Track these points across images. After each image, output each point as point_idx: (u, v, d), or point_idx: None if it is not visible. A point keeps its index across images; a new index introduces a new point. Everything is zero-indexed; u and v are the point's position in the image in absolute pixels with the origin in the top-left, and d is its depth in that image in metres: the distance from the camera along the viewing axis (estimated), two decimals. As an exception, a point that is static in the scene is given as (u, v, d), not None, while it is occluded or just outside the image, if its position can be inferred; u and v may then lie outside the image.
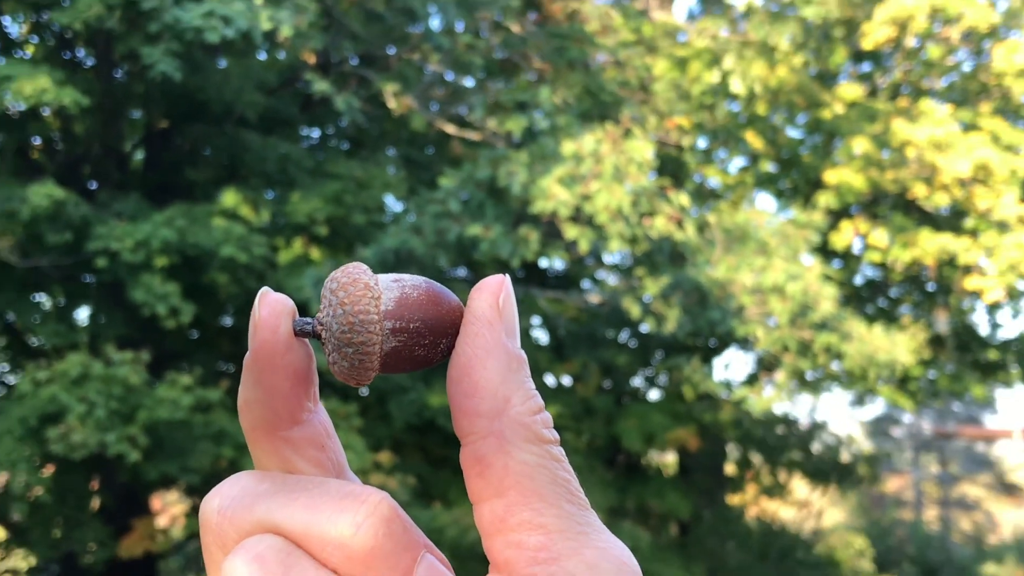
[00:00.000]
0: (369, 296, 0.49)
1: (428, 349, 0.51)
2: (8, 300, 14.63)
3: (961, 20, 19.74)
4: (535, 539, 0.47)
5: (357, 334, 0.48)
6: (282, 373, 0.50)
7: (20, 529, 15.38)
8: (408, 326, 0.49)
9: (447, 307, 0.51)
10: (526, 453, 0.48)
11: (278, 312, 0.50)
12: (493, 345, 0.49)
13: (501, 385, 0.49)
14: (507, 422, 0.49)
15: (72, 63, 15.78)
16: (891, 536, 32.71)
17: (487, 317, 0.50)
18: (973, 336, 22.10)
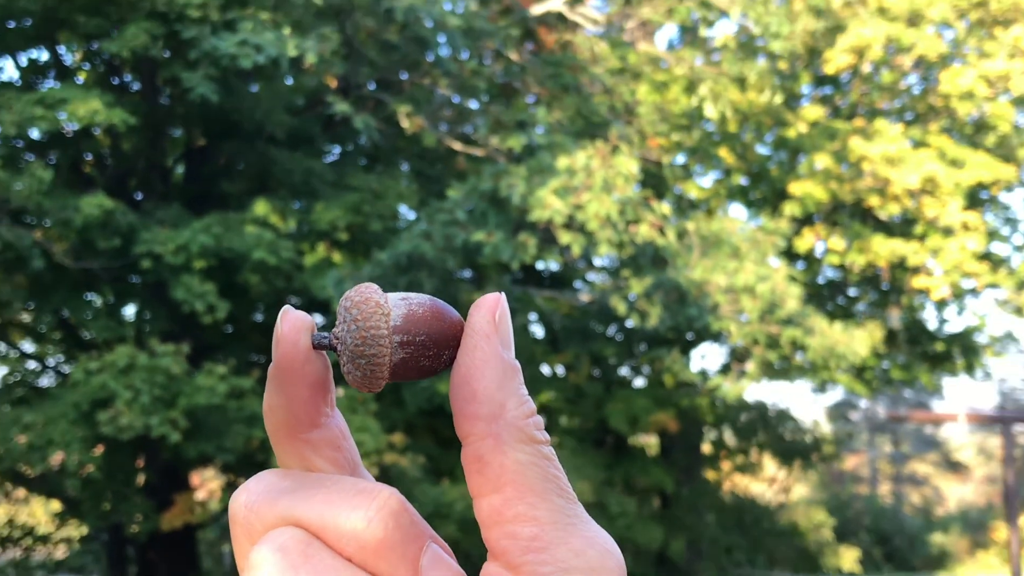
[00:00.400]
0: (380, 313, 0.49)
1: (432, 360, 0.51)
2: (63, 298, 14.64)
3: (913, 49, 19.72)
4: (528, 530, 0.48)
5: (369, 347, 0.49)
6: (302, 382, 0.50)
7: (73, 503, 15.38)
8: (415, 339, 0.50)
9: (449, 322, 0.52)
10: (520, 453, 0.49)
11: (298, 328, 0.49)
12: (490, 356, 0.50)
13: (498, 392, 0.50)
14: (503, 425, 0.50)
15: (120, 87, 15.77)
16: (849, 509, 32.70)
17: (485, 331, 0.51)
18: (922, 330, 22.09)
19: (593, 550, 0.49)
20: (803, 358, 16.16)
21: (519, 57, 16.31)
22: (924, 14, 19.59)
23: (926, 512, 41.50)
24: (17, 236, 12.99)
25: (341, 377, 0.52)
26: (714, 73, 16.23)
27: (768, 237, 15.15)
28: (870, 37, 19.10)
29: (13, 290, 14.00)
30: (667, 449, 21.53)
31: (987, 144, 20.41)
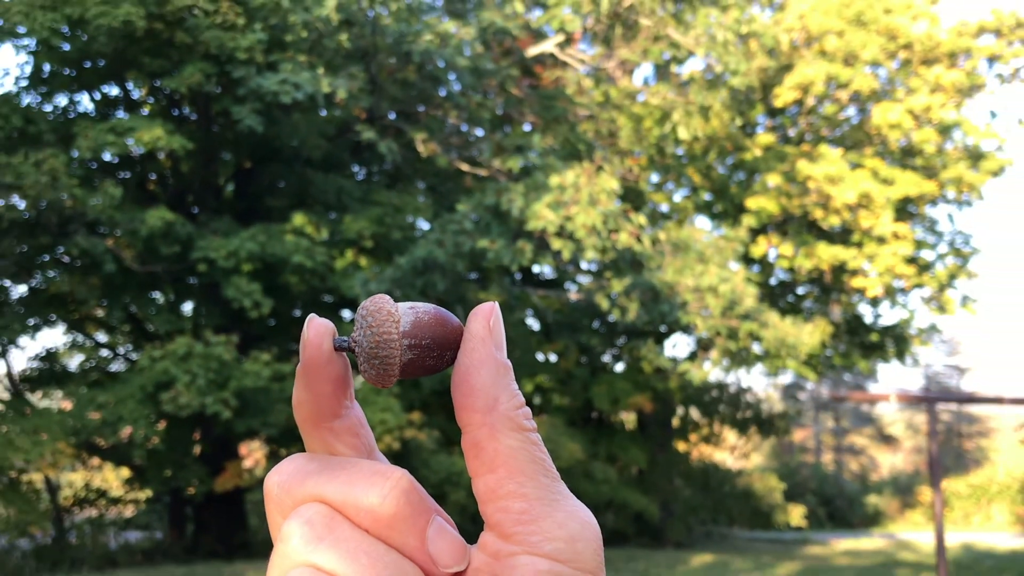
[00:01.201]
0: (391, 320, 0.50)
1: (436, 360, 0.52)
2: (131, 297, 14.65)
3: (850, 85, 19.74)
4: (518, 505, 0.49)
5: (382, 349, 0.50)
6: (326, 379, 0.50)
7: (140, 470, 15.38)
8: (421, 343, 0.51)
9: (451, 327, 0.52)
10: (511, 439, 0.50)
11: (322, 333, 0.49)
12: (486, 357, 0.51)
13: (492, 388, 0.50)
14: (497, 416, 0.50)
15: (179, 118, 15.76)
16: (797, 475, 32.69)
17: (481, 335, 0.51)
18: (860, 324, 22.11)
19: (574, 521, 0.50)
20: (759, 347, 16.17)
21: (518, 91, 16.31)
22: (859, 55, 19.61)
23: (863, 478, 41.49)
24: (92, 244, 13.01)
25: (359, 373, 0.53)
26: (683, 103, 16.23)
27: (729, 244, 15.16)
28: (813, 75, 19.14)
29: (89, 289, 14.00)
30: (643, 425, 21.53)
31: (915, 165, 20.45)
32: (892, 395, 10.94)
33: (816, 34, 19.96)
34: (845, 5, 20.10)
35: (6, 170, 12.13)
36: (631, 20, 15.56)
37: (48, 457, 12.17)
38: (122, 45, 13.41)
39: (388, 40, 12.62)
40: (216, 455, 15.17)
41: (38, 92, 14.86)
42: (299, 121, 15.00)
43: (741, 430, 22.37)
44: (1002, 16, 20.30)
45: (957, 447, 43.81)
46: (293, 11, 12.30)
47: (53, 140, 13.31)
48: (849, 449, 46.30)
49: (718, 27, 14.67)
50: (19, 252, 13.61)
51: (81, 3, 12.61)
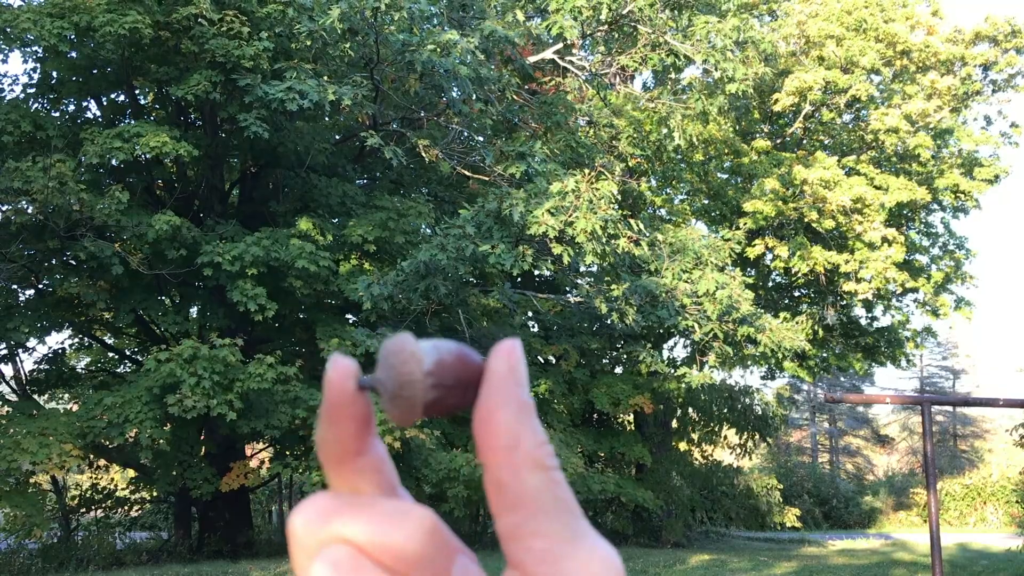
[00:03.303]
0: (414, 360, 0.49)
1: (459, 399, 0.51)
2: (139, 299, 14.70)
3: (847, 91, 19.81)
4: (540, 544, 0.48)
5: (405, 389, 0.49)
6: (349, 419, 0.50)
7: (146, 470, 15.43)
8: (444, 382, 0.50)
9: (473, 366, 0.51)
10: (534, 478, 0.48)
11: (345, 374, 0.49)
12: (508, 396, 0.49)
13: (514, 426, 0.49)
14: (519, 455, 0.49)
15: (186, 123, 15.82)
16: (794, 475, 32.73)
17: (503, 374, 0.50)
18: (855, 326, 22.17)
19: (596, 561, 0.49)
20: (755, 349, 16.23)
21: (519, 98, 16.37)
22: (857, 62, 19.68)
23: (858, 478, 41.55)
24: (100, 248, 13.07)
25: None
26: (682, 108, 16.31)
27: (725, 244, 15.22)
28: (811, 81, 19.21)
29: (96, 292, 14.05)
30: (641, 425, 21.59)
31: (909, 171, 20.51)
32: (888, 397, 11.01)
33: (815, 41, 20.04)
34: (847, 12, 20.18)
35: (15, 175, 12.20)
36: (630, 27, 15.62)
37: (56, 458, 12.22)
38: (129, 52, 13.49)
39: (391, 49, 12.68)
40: (221, 455, 15.23)
41: (47, 98, 14.93)
42: (304, 127, 15.07)
43: (739, 430, 22.42)
44: (997, 23, 20.36)
45: (952, 448, 43.86)
46: (298, 20, 12.36)
47: (61, 145, 13.38)
48: (845, 450, 46.35)
49: (716, 34, 14.73)
50: (27, 256, 13.68)
51: (89, 11, 12.68)
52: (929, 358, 46.94)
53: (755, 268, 21.07)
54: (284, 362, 14.18)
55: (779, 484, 25.08)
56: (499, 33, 13.45)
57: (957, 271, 21.80)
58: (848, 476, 41.54)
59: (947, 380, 47.88)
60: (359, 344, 13.61)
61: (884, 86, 20.93)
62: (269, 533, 20.02)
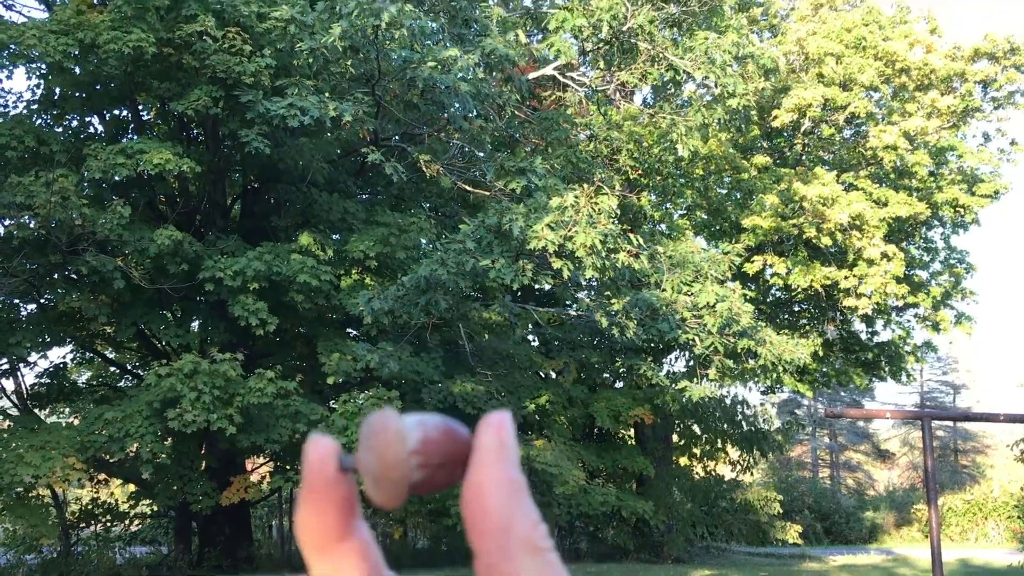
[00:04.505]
0: (398, 439, 0.47)
1: (447, 477, 0.48)
2: (140, 314, 14.72)
3: (846, 108, 19.87)
4: None
5: (389, 471, 0.47)
6: (331, 503, 0.48)
7: (147, 484, 15.41)
8: (430, 462, 0.48)
9: (461, 442, 0.49)
10: (527, 562, 0.46)
11: (326, 455, 0.47)
12: (498, 475, 0.47)
13: (506, 508, 0.46)
14: (512, 538, 0.46)
15: (188, 139, 15.87)
16: (795, 490, 32.62)
17: (493, 450, 0.47)
18: (856, 341, 22.16)
19: None
20: (755, 363, 16.21)
21: (519, 114, 16.42)
22: (856, 79, 19.74)
23: (859, 493, 41.41)
24: (102, 262, 13.09)
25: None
26: (682, 122, 16.36)
27: (725, 257, 15.24)
28: (810, 98, 19.27)
29: (98, 307, 14.07)
30: (642, 440, 21.56)
31: (908, 187, 20.54)
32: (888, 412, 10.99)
33: (815, 58, 20.11)
34: (846, 30, 20.26)
35: (18, 189, 12.24)
36: (630, 43, 15.69)
37: (58, 472, 12.21)
38: (132, 68, 13.54)
39: (392, 65, 12.73)
40: (222, 470, 15.21)
41: (50, 114, 14.99)
42: (305, 143, 15.11)
43: (739, 445, 22.38)
44: (996, 41, 20.42)
45: (953, 464, 43.73)
46: (299, 38, 12.42)
47: (64, 161, 13.42)
48: (845, 465, 46.22)
49: (716, 49, 14.79)
50: (29, 270, 13.70)
51: (93, 28, 12.74)
52: (929, 373, 46.89)
53: (755, 284, 21.08)
54: (285, 376, 14.19)
55: (779, 497, 25.00)
56: (500, 51, 13.51)
57: (957, 286, 21.79)
58: (849, 491, 41.43)
59: (947, 395, 47.80)
60: (359, 359, 13.61)
61: (884, 103, 21.00)
62: (269, 547, 19.98)
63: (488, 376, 15.91)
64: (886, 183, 20.63)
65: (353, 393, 14.49)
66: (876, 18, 20.88)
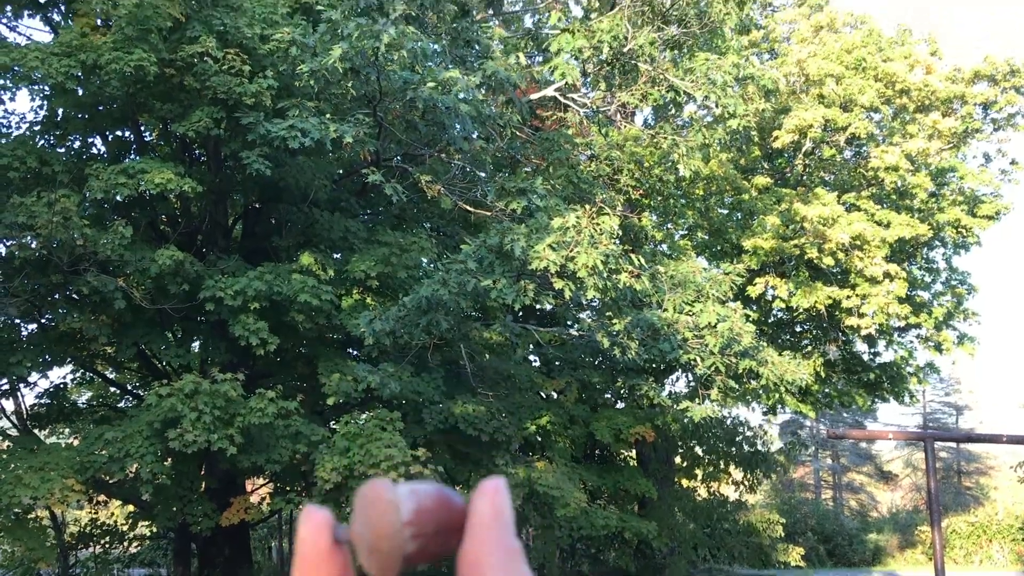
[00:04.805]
0: (392, 510, 0.46)
1: (441, 547, 0.48)
2: (141, 334, 14.70)
3: (847, 129, 19.92)
4: None
5: (383, 542, 0.46)
6: (324, 575, 0.46)
7: (146, 505, 15.33)
8: (424, 531, 0.47)
9: (455, 510, 0.48)
10: None
11: (319, 528, 0.46)
12: (494, 543, 0.46)
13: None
14: None
15: (190, 160, 15.91)
16: (798, 511, 32.47)
17: (488, 518, 0.47)
18: (858, 362, 22.12)
19: None
20: (757, 384, 16.18)
21: (520, 134, 16.47)
22: (856, 100, 19.80)
23: (862, 515, 41.21)
24: (103, 282, 13.09)
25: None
26: (684, 142, 16.41)
27: (727, 278, 15.24)
28: (811, 119, 19.32)
29: (99, 327, 14.05)
30: (644, 461, 21.49)
31: (909, 207, 20.57)
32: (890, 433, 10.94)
33: (815, 79, 20.18)
34: (846, 51, 20.36)
35: (19, 210, 12.25)
36: (631, 65, 15.75)
37: (57, 493, 12.16)
38: (134, 89, 13.59)
39: (394, 86, 12.77)
40: (222, 490, 15.15)
41: (52, 135, 15.03)
42: (306, 163, 15.14)
43: (741, 466, 22.30)
44: (996, 63, 20.52)
45: (956, 485, 43.53)
46: (301, 59, 12.47)
47: (66, 181, 13.44)
48: (848, 486, 46.01)
49: (716, 70, 14.85)
50: (31, 290, 13.69)
51: (95, 50, 12.80)
52: (932, 394, 46.76)
53: (757, 305, 21.07)
54: (285, 397, 14.15)
55: (781, 519, 24.85)
56: (501, 74, 13.56)
57: (959, 307, 21.78)
58: (852, 513, 41.22)
59: (950, 416, 47.65)
60: (360, 379, 13.58)
61: (884, 124, 21.06)
62: (269, 569, 19.86)
63: (489, 396, 15.87)
64: (887, 204, 20.66)
65: (354, 414, 14.45)
66: (876, 40, 20.99)
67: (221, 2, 13.83)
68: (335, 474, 12.74)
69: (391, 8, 12.34)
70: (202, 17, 13.46)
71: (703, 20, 15.31)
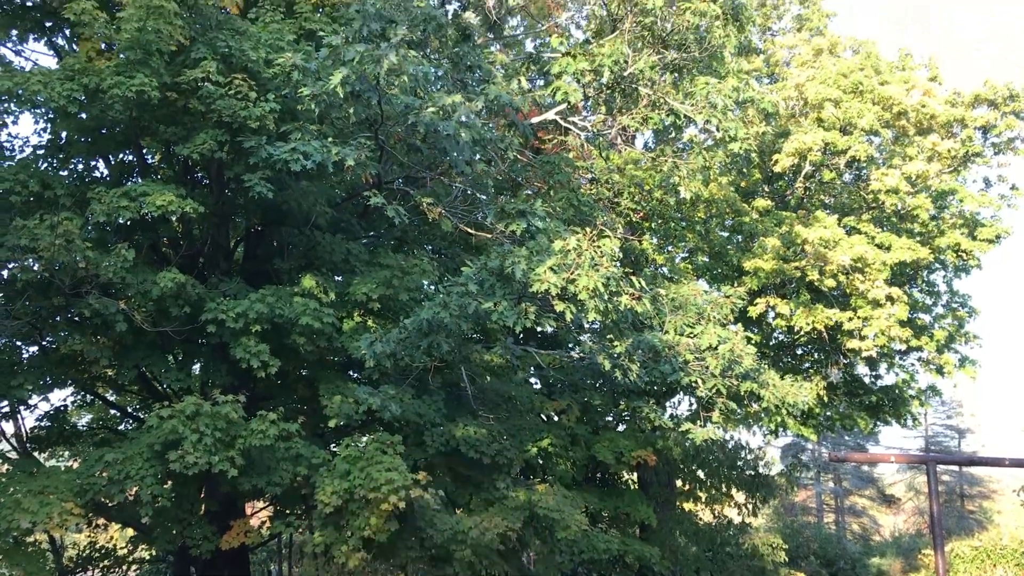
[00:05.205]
0: None
1: None
2: (142, 356, 14.69)
3: (846, 152, 20.00)
4: None
5: None
6: None
7: (146, 528, 15.27)
8: None
9: None
10: None
11: None
12: None
13: None
14: None
15: (192, 182, 15.97)
16: (800, 535, 32.33)
17: None
18: (860, 384, 22.10)
19: None
20: (758, 407, 16.15)
21: (521, 157, 16.53)
22: (855, 123, 19.90)
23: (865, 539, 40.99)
24: (104, 305, 13.10)
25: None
26: (684, 164, 16.48)
27: (727, 300, 15.26)
28: (810, 142, 19.42)
29: (100, 349, 14.05)
30: (645, 485, 21.42)
31: (909, 230, 20.62)
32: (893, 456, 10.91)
33: (814, 103, 20.30)
34: (843, 75, 20.48)
35: (22, 232, 12.28)
36: (631, 88, 15.84)
37: (56, 517, 12.11)
38: (137, 113, 13.67)
39: (395, 110, 12.84)
40: (222, 513, 15.10)
41: (55, 158, 15.09)
42: (309, 186, 15.20)
43: (747, 489, 22.23)
44: (996, 87, 20.65)
45: (959, 509, 43.35)
46: (303, 83, 12.55)
47: (69, 204, 13.48)
48: (851, 510, 45.80)
49: (716, 93, 14.93)
50: (32, 312, 13.70)
51: (97, 74, 12.88)
52: (934, 417, 46.66)
53: (758, 327, 21.08)
54: (286, 419, 14.13)
55: (784, 544, 24.74)
56: (503, 98, 13.63)
57: (960, 330, 21.80)
58: (854, 537, 41.03)
59: (952, 439, 47.52)
60: (361, 402, 13.58)
61: (884, 147, 21.16)
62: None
63: (490, 419, 15.85)
64: (887, 227, 20.71)
65: (355, 436, 14.42)
66: (875, 63, 21.13)
67: (227, 25, 13.93)
68: (335, 497, 12.70)
69: (393, 33, 12.42)
70: (207, 40, 13.55)
71: (703, 44, 15.42)
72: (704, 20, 15.06)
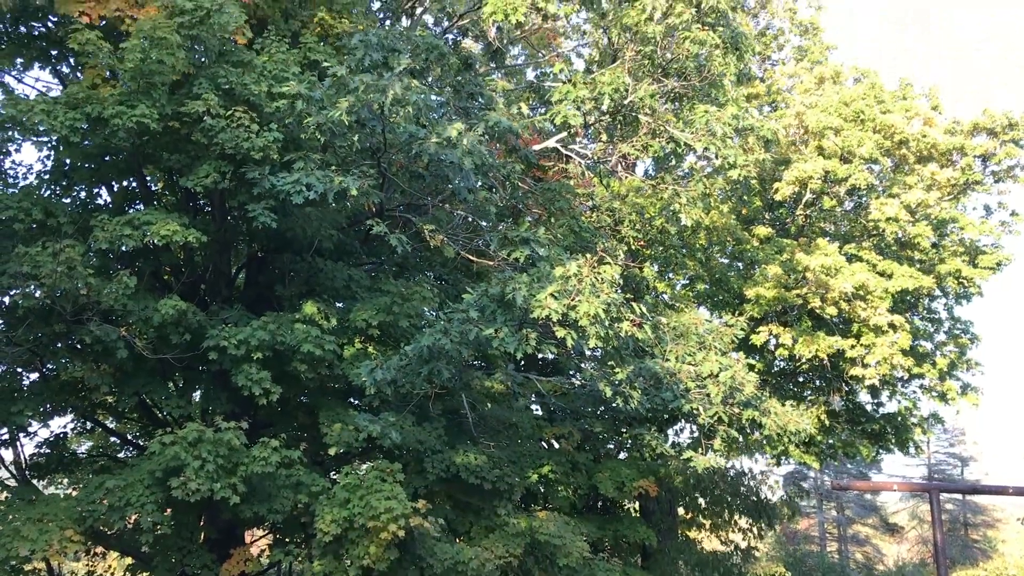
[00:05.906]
0: None
1: None
2: (143, 383, 14.68)
3: (846, 180, 20.08)
4: None
5: None
6: None
7: (145, 557, 15.18)
8: None
9: None
10: None
11: None
12: None
13: None
14: None
15: (194, 210, 16.02)
16: (803, 564, 32.11)
17: None
18: (862, 412, 22.05)
19: None
20: (760, 435, 16.10)
21: (523, 185, 16.61)
22: (855, 152, 20.00)
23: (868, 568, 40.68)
24: (105, 332, 13.11)
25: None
26: (685, 191, 16.55)
27: (729, 329, 15.27)
28: (811, 170, 19.51)
29: (100, 376, 14.04)
30: (647, 512, 21.31)
31: (910, 258, 20.67)
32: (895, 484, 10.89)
33: (814, 131, 20.41)
34: (845, 104, 20.61)
35: (24, 259, 12.31)
36: (631, 116, 15.94)
37: (56, 545, 12.05)
38: (140, 141, 13.74)
39: (399, 139, 12.92)
40: (222, 541, 15.02)
41: (58, 185, 15.15)
42: (311, 214, 15.26)
43: (750, 517, 22.11)
44: (995, 116, 20.77)
45: (963, 538, 43.07)
46: (307, 112, 12.63)
47: (71, 231, 13.52)
48: (854, 539, 45.51)
49: (716, 121, 15.02)
50: (33, 339, 13.70)
51: (100, 103, 12.96)
52: (936, 444, 46.50)
53: (759, 355, 21.07)
54: (287, 446, 14.10)
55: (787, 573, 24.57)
56: (504, 124, 13.71)
57: (962, 357, 21.78)
58: (858, 565, 40.74)
59: (955, 467, 47.32)
60: (362, 429, 13.55)
61: (884, 175, 21.26)
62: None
63: (491, 446, 15.81)
64: (888, 254, 20.76)
65: (355, 464, 14.37)
66: (877, 92, 21.27)
67: (231, 57, 14.03)
68: (335, 526, 12.65)
69: (396, 62, 12.52)
70: (208, 74, 13.64)
71: (703, 73, 15.53)
72: (704, 49, 15.18)
